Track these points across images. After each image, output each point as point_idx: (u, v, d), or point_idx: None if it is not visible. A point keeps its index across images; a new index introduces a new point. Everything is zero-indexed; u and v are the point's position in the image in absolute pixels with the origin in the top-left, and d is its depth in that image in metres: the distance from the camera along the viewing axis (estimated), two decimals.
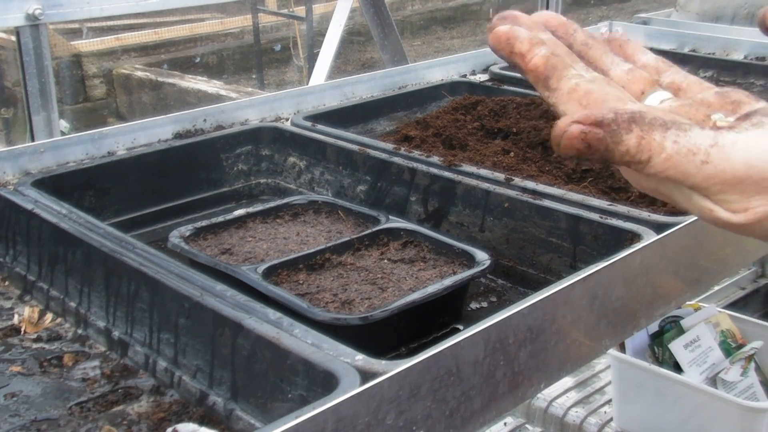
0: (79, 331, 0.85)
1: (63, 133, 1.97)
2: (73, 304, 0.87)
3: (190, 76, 5.11)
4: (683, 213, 0.89)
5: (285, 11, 5.68)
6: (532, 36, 0.45)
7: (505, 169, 1.10)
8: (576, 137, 0.38)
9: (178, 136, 1.20)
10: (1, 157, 1.05)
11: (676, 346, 1.50)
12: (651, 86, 0.46)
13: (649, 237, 0.85)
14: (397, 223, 0.98)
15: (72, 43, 5.09)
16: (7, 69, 4.35)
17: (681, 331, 1.52)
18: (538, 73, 0.44)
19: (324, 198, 1.08)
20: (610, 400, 1.59)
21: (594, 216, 0.92)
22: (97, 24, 5.23)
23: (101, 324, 0.83)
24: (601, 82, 0.44)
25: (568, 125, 0.39)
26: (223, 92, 4.70)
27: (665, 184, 0.40)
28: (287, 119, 1.31)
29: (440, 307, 0.86)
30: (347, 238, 0.94)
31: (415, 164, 1.08)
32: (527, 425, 1.60)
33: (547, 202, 0.96)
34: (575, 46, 0.48)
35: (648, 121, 0.38)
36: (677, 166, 0.38)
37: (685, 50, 1.75)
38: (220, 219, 1.01)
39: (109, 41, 5.30)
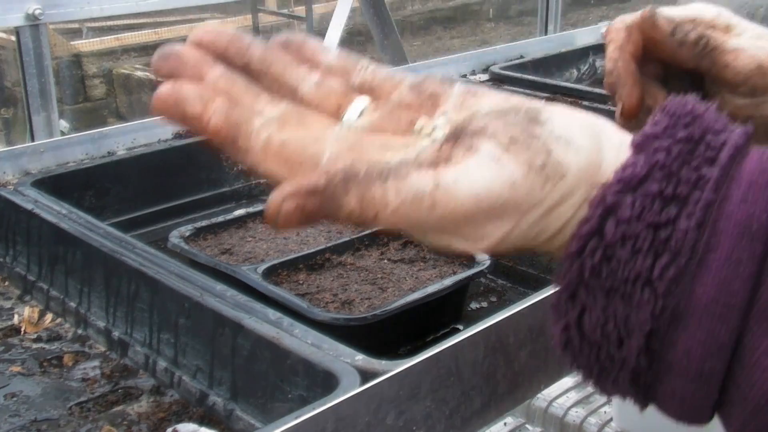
0: (79, 331, 0.85)
1: (63, 133, 1.98)
2: (73, 304, 0.87)
3: None
4: None
5: (285, 11, 5.68)
6: (202, 91, 0.39)
7: None
8: (293, 213, 0.35)
9: (178, 136, 1.20)
10: (1, 157, 1.05)
11: None
12: (345, 96, 0.42)
13: None
14: None
15: (72, 43, 5.10)
16: (7, 69, 4.35)
17: None
18: (223, 136, 0.38)
19: None
20: (610, 400, 1.59)
21: None
22: (97, 24, 5.23)
23: (101, 324, 0.83)
24: (294, 121, 0.40)
25: (281, 203, 0.35)
26: None
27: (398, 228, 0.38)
28: None
29: (440, 307, 0.86)
30: (347, 238, 0.94)
31: None
32: (527, 425, 1.60)
33: None
34: (253, 65, 0.42)
35: (363, 175, 0.35)
36: (406, 217, 0.35)
37: None
38: (220, 219, 1.01)
39: (109, 41, 5.30)
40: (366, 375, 0.62)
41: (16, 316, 0.87)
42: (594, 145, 0.37)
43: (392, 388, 0.59)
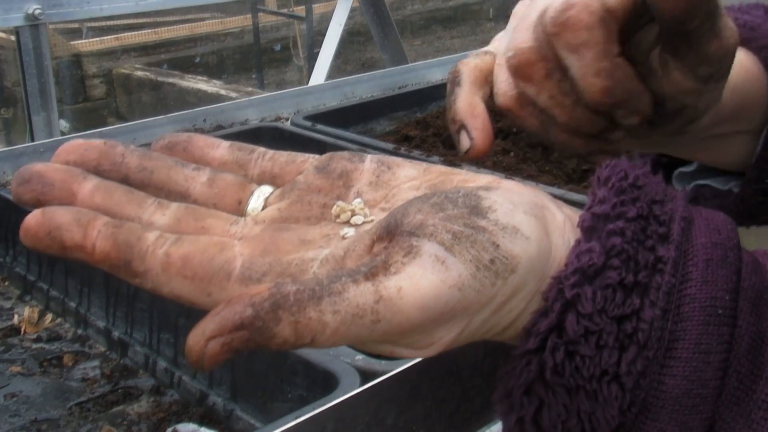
0: (79, 331, 0.85)
1: (63, 133, 1.97)
2: (73, 304, 0.87)
3: (190, 76, 5.11)
4: None
5: (285, 11, 5.68)
6: (78, 212, 0.33)
7: (505, 169, 1.10)
8: (220, 353, 0.30)
9: None
10: (1, 157, 1.05)
11: None
12: (244, 189, 0.38)
13: None
14: None
15: (72, 43, 5.10)
16: (7, 69, 4.35)
17: None
18: (113, 260, 0.33)
19: None
20: None
21: None
22: (97, 24, 5.24)
23: (101, 324, 0.83)
24: (191, 226, 0.35)
25: (204, 345, 0.30)
26: (223, 92, 4.70)
27: None
28: (287, 119, 1.31)
29: None
30: None
31: None
32: None
33: None
34: (132, 175, 0.37)
35: (294, 299, 0.30)
36: (348, 335, 0.31)
37: None
38: None
39: (109, 41, 5.30)
40: (366, 375, 0.62)
41: (16, 316, 0.87)
42: (541, 230, 0.34)
43: (392, 388, 0.59)
